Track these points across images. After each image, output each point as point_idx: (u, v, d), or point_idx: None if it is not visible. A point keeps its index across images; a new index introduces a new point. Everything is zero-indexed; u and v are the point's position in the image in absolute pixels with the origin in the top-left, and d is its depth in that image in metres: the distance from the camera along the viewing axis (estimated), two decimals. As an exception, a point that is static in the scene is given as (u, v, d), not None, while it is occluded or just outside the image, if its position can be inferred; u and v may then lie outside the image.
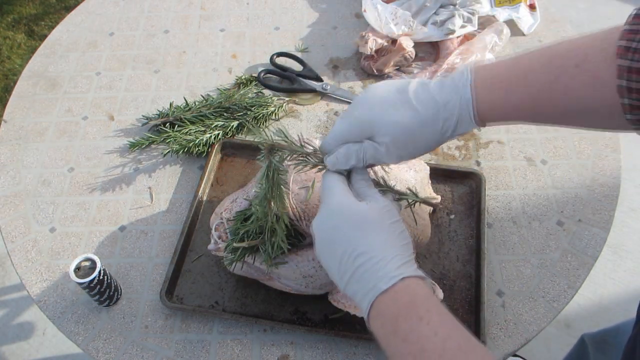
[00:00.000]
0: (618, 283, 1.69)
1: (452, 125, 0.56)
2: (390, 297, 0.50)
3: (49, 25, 2.44)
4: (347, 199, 0.56)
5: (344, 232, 0.54)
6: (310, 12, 1.24)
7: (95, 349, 0.79)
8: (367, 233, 0.53)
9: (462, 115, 0.55)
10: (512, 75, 0.54)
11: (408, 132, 0.56)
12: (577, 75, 0.51)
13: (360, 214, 0.54)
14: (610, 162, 0.97)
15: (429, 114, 0.55)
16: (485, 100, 0.55)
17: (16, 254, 0.88)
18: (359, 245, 0.53)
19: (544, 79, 0.52)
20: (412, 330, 0.48)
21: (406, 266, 0.52)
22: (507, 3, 1.16)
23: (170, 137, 0.98)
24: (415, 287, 0.50)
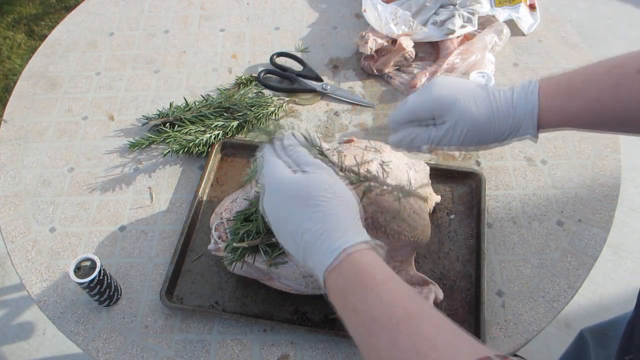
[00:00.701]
0: (618, 283, 1.69)
1: (515, 128, 0.59)
2: (336, 272, 0.50)
3: (49, 25, 2.44)
4: (281, 172, 0.55)
5: (285, 210, 0.53)
6: (310, 12, 1.24)
7: (95, 349, 0.79)
8: (305, 207, 0.52)
9: (526, 119, 0.59)
10: (575, 81, 0.58)
11: (481, 125, 0.60)
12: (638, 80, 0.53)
13: (295, 187, 0.53)
14: (610, 162, 0.97)
15: (502, 113, 0.59)
16: (548, 107, 0.58)
17: (16, 254, 0.89)
18: (301, 221, 0.52)
19: (606, 84, 0.55)
20: (359, 300, 0.48)
21: (348, 235, 0.51)
22: (507, 3, 1.16)
23: (170, 137, 0.98)
24: (358, 257, 0.50)
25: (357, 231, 0.52)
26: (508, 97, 0.60)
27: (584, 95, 0.56)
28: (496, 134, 0.60)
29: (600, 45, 2.30)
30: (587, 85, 0.56)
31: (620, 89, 0.54)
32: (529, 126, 0.59)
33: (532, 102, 0.58)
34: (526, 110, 0.58)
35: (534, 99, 0.58)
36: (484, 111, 0.59)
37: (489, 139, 0.61)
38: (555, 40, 1.16)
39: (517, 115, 0.59)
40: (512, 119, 0.59)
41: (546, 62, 1.12)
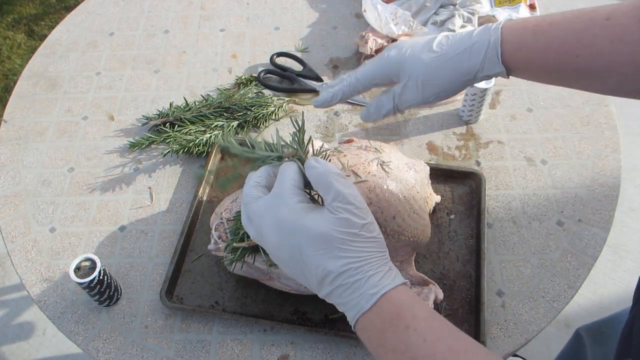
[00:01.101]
0: (618, 283, 1.69)
1: (477, 63, 0.56)
2: (374, 313, 0.48)
3: (49, 25, 2.44)
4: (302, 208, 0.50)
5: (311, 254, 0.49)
6: (310, 12, 1.24)
7: (95, 349, 0.79)
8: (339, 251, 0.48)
9: (489, 53, 0.55)
10: (543, 22, 0.55)
11: (428, 67, 0.57)
12: (607, 27, 0.50)
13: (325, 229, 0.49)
14: (610, 162, 0.97)
15: (451, 52, 0.56)
16: (513, 41, 0.55)
17: (16, 254, 0.89)
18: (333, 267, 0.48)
19: (573, 27, 0.52)
20: (400, 341, 0.47)
21: (386, 277, 0.49)
22: (507, 3, 1.16)
23: (170, 137, 0.98)
24: (398, 297, 0.48)
25: (394, 274, 0.50)
26: (465, 36, 0.57)
27: (550, 35, 0.54)
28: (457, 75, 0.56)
29: (600, 45, 2.29)
30: (554, 27, 0.54)
31: (586, 34, 0.51)
32: (493, 60, 0.55)
33: (494, 34, 0.55)
34: (489, 45, 0.55)
35: (496, 32, 0.55)
36: (434, 53, 0.57)
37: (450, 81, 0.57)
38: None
39: (476, 49, 0.55)
40: (470, 54, 0.56)
41: (546, 62, 1.12)
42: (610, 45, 0.50)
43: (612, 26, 0.50)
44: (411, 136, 1.01)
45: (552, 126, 1.02)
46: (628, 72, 0.51)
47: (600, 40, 0.51)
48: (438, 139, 1.00)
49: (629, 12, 0.50)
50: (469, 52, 0.56)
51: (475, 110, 1.00)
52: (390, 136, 1.01)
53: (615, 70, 0.51)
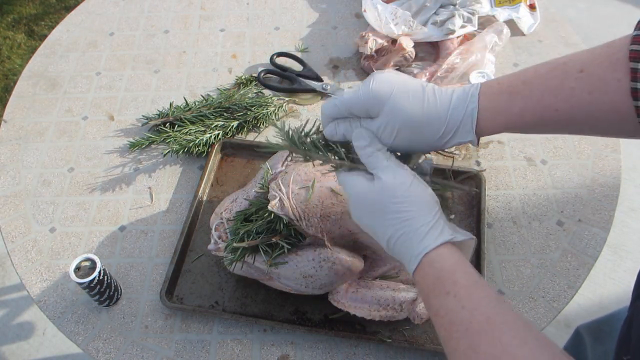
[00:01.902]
0: (618, 283, 1.69)
1: (452, 131, 0.56)
2: (419, 276, 0.52)
3: (49, 25, 2.44)
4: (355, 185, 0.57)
5: (369, 220, 0.56)
6: (310, 12, 1.24)
7: (95, 349, 0.79)
8: (384, 216, 0.54)
9: (464, 123, 0.55)
10: (517, 81, 0.55)
11: (412, 122, 0.56)
12: (582, 79, 0.51)
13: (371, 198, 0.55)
14: (610, 162, 0.97)
15: (437, 113, 0.56)
16: (488, 108, 0.55)
17: (16, 254, 0.89)
18: (384, 229, 0.54)
19: (548, 84, 0.53)
20: (440, 305, 0.50)
21: (427, 238, 0.52)
22: (507, 3, 1.16)
23: (170, 137, 0.98)
24: (440, 261, 0.51)
25: (438, 232, 0.53)
26: (446, 97, 0.56)
27: (526, 95, 0.54)
28: (431, 134, 0.56)
29: (600, 45, 2.29)
30: (529, 85, 0.54)
31: (562, 88, 0.52)
32: (467, 128, 0.55)
33: (472, 102, 0.55)
34: (466, 111, 0.55)
35: (474, 100, 0.55)
36: (419, 108, 0.56)
37: (424, 139, 0.57)
38: (555, 40, 1.16)
39: (454, 115, 0.55)
40: (448, 119, 0.55)
41: (546, 62, 1.12)
42: (589, 96, 0.51)
43: (587, 77, 0.51)
44: (411, 136, 1.01)
45: (552, 126, 1.02)
46: (612, 118, 0.51)
47: (578, 93, 0.51)
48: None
49: (602, 62, 0.50)
50: (446, 117, 0.56)
51: (475, 110, 1.00)
52: (390, 136, 1.01)
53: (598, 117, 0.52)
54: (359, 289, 0.77)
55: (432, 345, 0.77)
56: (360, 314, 0.76)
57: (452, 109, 0.55)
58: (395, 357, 0.78)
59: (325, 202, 0.72)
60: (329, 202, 0.72)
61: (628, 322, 0.63)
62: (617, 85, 0.49)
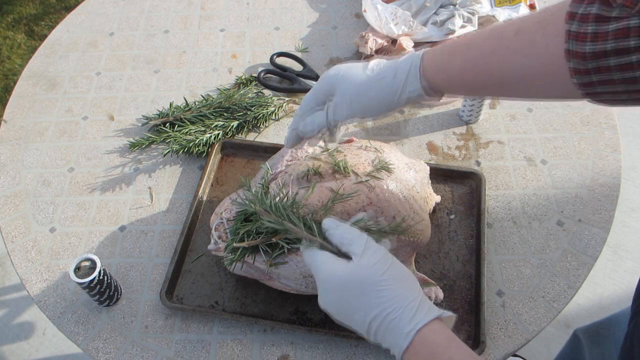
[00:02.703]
0: (618, 283, 1.69)
1: (399, 83, 0.59)
2: (411, 353, 0.51)
3: (49, 25, 2.44)
4: (332, 267, 0.55)
5: (347, 303, 0.54)
6: (310, 12, 1.24)
7: (95, 349, 0.79)
8: (368, 296, 0.52)
9: (410, 73, 0.59)
10: (459, 43, 0.58)
11: (363, 88, 0.61)
12: (516, 41, 0.52)
13: (352, 279, 0.53)
14: (610, 162, 0.97)
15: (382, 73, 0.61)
16: (431, 64, 0.59)
17: (16, 254, 0.89)
18: (368, 309, 0.52)
19: (485, 44, 0.55)
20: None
21: (417, 315, 0.51)
22: (507, 3, 1.16)
23: (170, 137, 0.98)
24: (432, 337, 0.51)
25: (427, 308, 0.52)
26: (392, 61, 0.61)
27: (465, 55, 0.57)
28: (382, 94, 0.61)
29: (600, 45, 2.29)
30: (468, 47, 0.57)
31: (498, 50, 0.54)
32: (414, 77, 0.59)
33: (416, 59, 0.59)
34: (411, 66, 0.59)
35: (417, 58, 0.59)
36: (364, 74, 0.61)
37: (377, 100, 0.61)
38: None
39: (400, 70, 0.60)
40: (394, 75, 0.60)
41: (546, 62, 1.12)
42: (523, 58, 0.52)
43: (521, 39, 0.52)
44: (411, 136, 1.01)
45: (552, 126, 1.02)
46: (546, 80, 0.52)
47: (511, 54, 0.53)
48: (438, 139, 1.00)
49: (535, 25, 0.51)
50: (392, 74, 0.60)
51: (475, 110, 1.00)
52: (390, 136, 1.01)
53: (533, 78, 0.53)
54: (359, 289, 0.77)
55: (432, 345, 0.77)
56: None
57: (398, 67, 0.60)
58: (395, 357, 0.78)
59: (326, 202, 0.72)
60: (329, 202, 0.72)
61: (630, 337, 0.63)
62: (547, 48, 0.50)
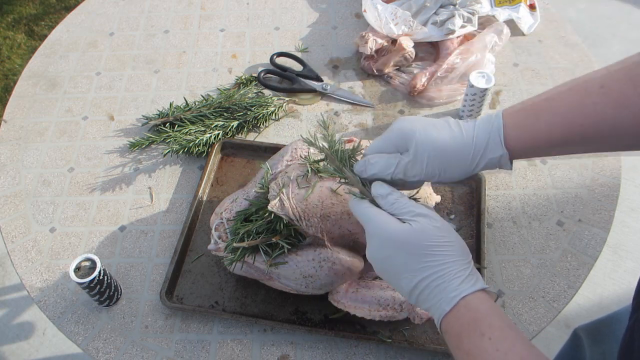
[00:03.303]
0: (618, 283, 1.69)
1: (481, 149, 0.57)
2: (453, 316, 0.52)
3: (49, 25, 2.44)
4: (389, 224, 0.56)
5: (398, 261, 0.55)
6: (310, 12, 1.24)
7: (95, 349, 0.79)
8: (420, 258, 0.54)
9: (492, 137, 0.57)
10: (540, 100, 0.57)
11: (442, 150, 0.58)
12: (603, 94, 0.52)
13: (408, 239, 0.55)
14: (610, 162, 0.97)
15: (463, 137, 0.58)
16: (514, 124, 0.56)
17: (16, 254, 0.89)
18: (415, 272, 0.54)
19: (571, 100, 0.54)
20: (474, 345, 0.50)
21: (465, 282, 0.53)
22: (507, 3, 1.16)
23: (170, 137, 0.98)
24: (476, 303, 0.52)
25: (474, 279, 0.54)
26: (470, 123, 0.59)
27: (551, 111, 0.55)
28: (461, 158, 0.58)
29: (600, 45, 2.30)
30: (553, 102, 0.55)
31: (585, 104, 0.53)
32: (496, 143, 0.57)
33: (497, 119, 0.57)
34: (491, 129, 0.57)
35: (498, 117, 0.57)
36: (445, 135, 0.58)
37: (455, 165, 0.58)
38: (555, 40, 1.16)
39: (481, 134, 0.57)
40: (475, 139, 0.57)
41: (546, 62, 1.12)
42: (613, 111, 0.52)
43: (608, 92, 0.52)
44: (411, 136, 1.01)
45: (552, 126, 1.02)
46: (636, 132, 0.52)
47: (601, 107, 0.52)
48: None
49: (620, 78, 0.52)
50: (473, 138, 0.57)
51: (475, 109, 1.00)
52: (390, 136, 1.01)
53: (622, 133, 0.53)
54: (359, 289, 0.77)
55: (432, 345, 0.77)
56: (360, 314, 0.76)
57: (478, 128, 0.58)
58: (395, 357, 0.78)
59: (325, 202, 0.72)
60: (329, 202, 0.72)
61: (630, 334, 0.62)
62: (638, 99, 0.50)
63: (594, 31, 2.35)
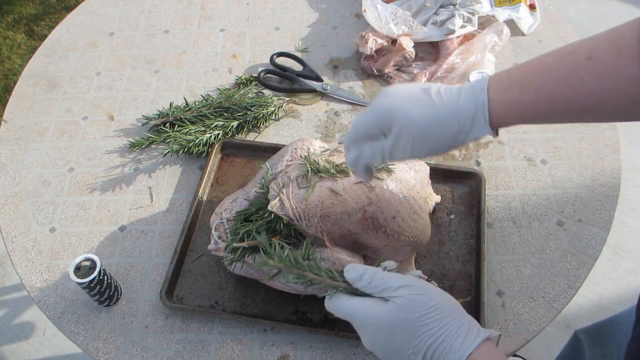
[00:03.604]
0: (618, 283, 1.69)
1: (466, 127, 0.55)
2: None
3: (49, 25, 2.43)
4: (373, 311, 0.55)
5: (396, 342, 0.54)
6: (310, 12, 1.24)
7: (95, 349, 0.79)
8: (415, 332, 0.53)
9: (477, 117, 0.55)
10: (527, 73, 0.55)
11: (423, 127, 0.56)
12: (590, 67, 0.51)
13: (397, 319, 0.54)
14: (610, 162, 0.97)
15: (446, 113, 0.56)
16: (500, 100, 0.55)
17: (16, 254, 0.89)
18: (417, 346, 0.53)
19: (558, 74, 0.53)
20: None
21: (467, 339, 0.52)
22: (507, 3, 1.16)
23: (170, 137, 0.98)
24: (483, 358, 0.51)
25: (475, 332, 0.53)
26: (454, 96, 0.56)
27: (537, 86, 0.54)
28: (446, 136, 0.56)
29: (600, 45, 2.29)
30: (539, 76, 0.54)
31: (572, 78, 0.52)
32: (481, 123, 0.55)
33: (482, 97, 0.55)
34: (476, 106, 0.55)
35: (483, 95, 0.55)
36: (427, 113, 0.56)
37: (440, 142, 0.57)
38: (555, 40, 1.16)
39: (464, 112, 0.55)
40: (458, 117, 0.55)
41: (546, 62, 1.12)
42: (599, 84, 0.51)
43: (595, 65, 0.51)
44: (411, 136, 1.01)
45: (552, 126, 1.02)
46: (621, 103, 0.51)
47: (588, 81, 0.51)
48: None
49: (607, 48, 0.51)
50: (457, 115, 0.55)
51: (475, 110, 1.00)
52: (390, 136, 1.01)
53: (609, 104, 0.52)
54: (359, 289, 0.77)
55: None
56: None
57: (462, 105, 0.55)
58: None
59: (325, 202, 0.72)
60: (329, 202, 0.72)
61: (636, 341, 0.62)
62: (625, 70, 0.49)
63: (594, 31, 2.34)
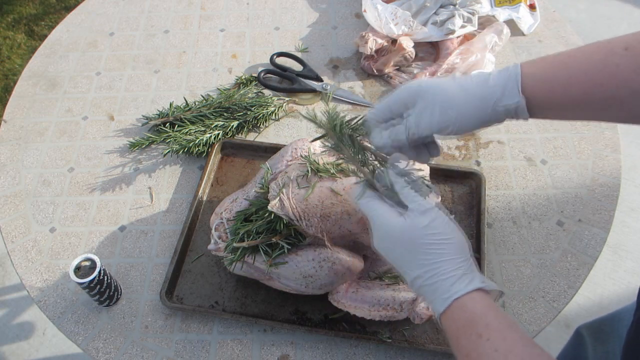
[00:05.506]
0: (618, 283, 1.69)
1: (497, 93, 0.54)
2: (449, 317, 0.51)
3: (49, 25, 2.44)
4: (388, 218, 0.56)
5: (397, 254, 0.55)
6: (310, 12, 1.24)
7: (95, 349, 0.79)
8: (414, 254, 0.53)
9: (508, 85, 0.54)
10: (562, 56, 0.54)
11: (449, 93, 0.55)
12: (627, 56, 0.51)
13: (402, 234, 0.54)
14: (610, 162, 0.97)
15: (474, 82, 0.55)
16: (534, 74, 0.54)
17: (16, 254, 0.89)
18: (412, 267, 0.54)
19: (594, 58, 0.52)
20: (472, 348, 0.49)
21: (459, 283, 0.51)
22: (507, 3, 1.16)
23: (170, 137, 0.98)
24: (471, 305, 0.51)
25: (469, 278, 0.52)
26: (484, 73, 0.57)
27: (572, 67, 0.53)
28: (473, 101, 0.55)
29: (600, 45, 2.29)
30: (574, 59, 0.53)
31: (608, 64, 0.51)
32: (513, 90, 0.53)
33: (515, 70, 0.54)
34: (508, 75, 0.54)
35: (516, 69, 0.54)
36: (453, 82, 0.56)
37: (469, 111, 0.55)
38: (555, 40, 1.16)
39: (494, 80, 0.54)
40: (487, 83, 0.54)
41: (546, 62, 1.12)
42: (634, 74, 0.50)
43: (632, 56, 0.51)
44: (411, 136, 1.01)
45: (552, 126, 1.02)
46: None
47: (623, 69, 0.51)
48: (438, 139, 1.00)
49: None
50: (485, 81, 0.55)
51: (475, 110, 1.00)
52: (390, 136, 1.01)
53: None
54: (359, 289, 0.77)
55: (432, 345, 0.77)
56: (360, 314, 0.76)
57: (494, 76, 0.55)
58: (395, 357, 0.78)
59: (325, 202, 0.72)
60: (329, 202, 0.72)
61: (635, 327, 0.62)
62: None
63: (594, 31, 2.35)
